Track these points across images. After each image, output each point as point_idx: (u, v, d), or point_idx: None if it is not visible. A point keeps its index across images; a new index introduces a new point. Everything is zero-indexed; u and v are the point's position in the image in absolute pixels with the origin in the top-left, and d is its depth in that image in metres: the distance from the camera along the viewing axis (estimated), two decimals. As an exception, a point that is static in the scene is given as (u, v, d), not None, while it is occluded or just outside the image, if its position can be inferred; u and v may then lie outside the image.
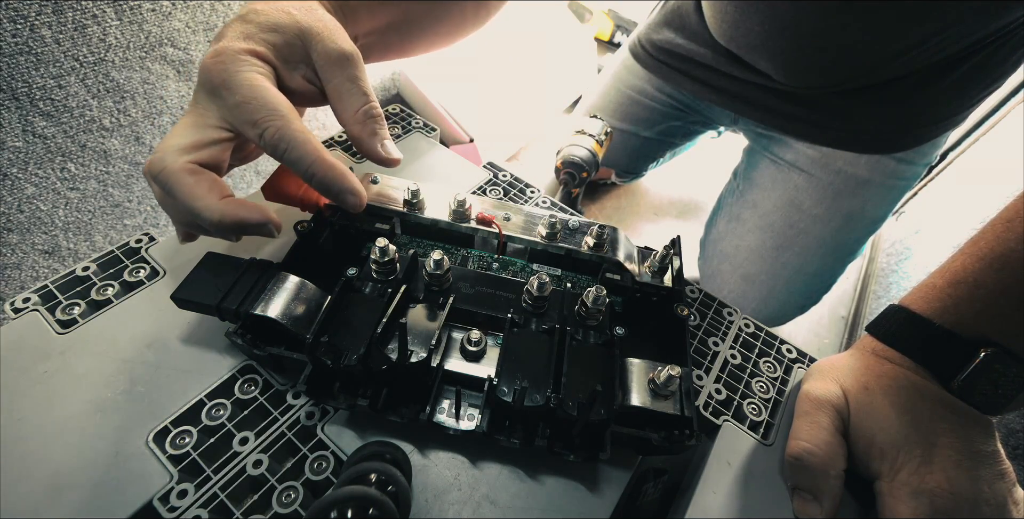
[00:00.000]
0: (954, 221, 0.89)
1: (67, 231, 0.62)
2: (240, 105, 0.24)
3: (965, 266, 0.29)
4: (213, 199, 0.24)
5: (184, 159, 0.24)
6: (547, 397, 0.23)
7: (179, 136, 0.24)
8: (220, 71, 0.24)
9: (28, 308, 0.28)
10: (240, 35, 0.26)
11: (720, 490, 0.26)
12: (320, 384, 0.25)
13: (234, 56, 0.25)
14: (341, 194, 0.26)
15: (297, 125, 0.25)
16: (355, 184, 0.27)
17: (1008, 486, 0.25)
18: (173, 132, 0.25)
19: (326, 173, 0.25)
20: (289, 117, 0.25)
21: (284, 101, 0.25)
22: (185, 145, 0.24)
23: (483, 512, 0.24)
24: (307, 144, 0.25)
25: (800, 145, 0.67)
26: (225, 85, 0.24)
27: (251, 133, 0.24)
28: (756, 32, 0.55)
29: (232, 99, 0.24)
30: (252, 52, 0.25)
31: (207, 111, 0.25)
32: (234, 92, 0.24)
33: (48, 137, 0.55)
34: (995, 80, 0.56)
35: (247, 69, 0.25)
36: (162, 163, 0.24)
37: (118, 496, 0.22)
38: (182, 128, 0.25)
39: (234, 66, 0.24)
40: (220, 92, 0.24)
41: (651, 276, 0.30)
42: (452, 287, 0.28)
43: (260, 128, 0.24)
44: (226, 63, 0.24)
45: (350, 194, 0.26)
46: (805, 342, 1.01)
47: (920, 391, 0.27)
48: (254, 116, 0.24)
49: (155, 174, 0.24)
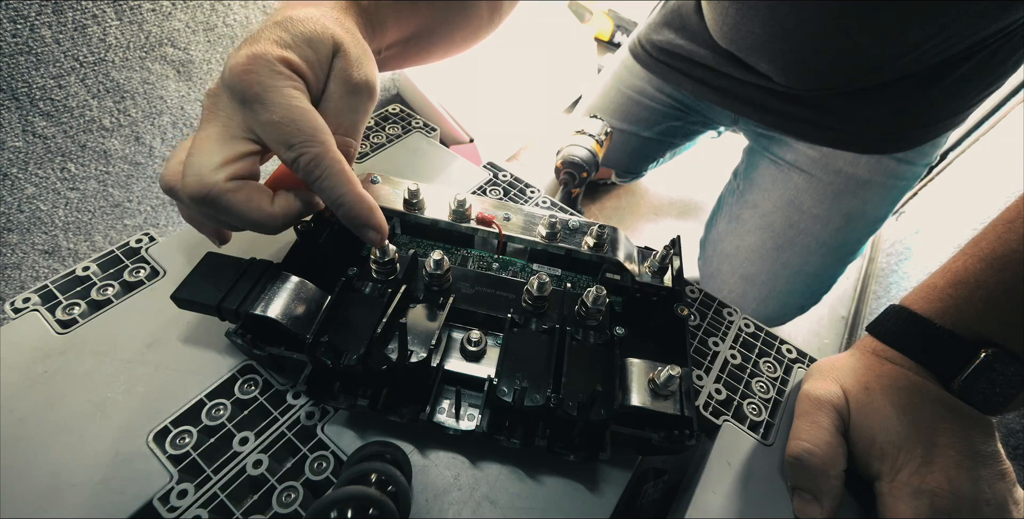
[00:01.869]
0: (954, 221, 0.88)
1: (67, 231, 0.62)
2: (276, 125, 0.23)
3: (966, 266, 0.29)
4: (271, 209, 0.24)
5: (223, 176, 0.23)
6: (547, 397, 0.23)
7: (210, 152, 0.23)
8: (254, 82, 0.23)
9: (28, 308, 0.28)
10: (276, 42, 0.24)
11: (720, 490, 0.26)
12: (320, 384, 0.25)
13: (269, 66, 0.23)
14: (363, 229, 0.25)
15: (334, 152, 0.24)
16: (380, 221, 0.26)
17: (1008, 486, 0.25)
18: (200, 145, 0.23)
19: (355, 206, 0.25)
20: (327, 143, 0.24)
21: (322, 124, 0.24)
22: (220, 162, 0.23)
23: (483, 512, 0.24)
24: (342, 174, 0.24)
25: (800, 145, 0.67)
26: (259, 99, 0.23)
27: (284, 155, 0.23)
28: (757, 34, 0.55)
29: (267, 116, 0.23)
30: (288, 62, 0.24)
31: (232, 120, 0.24)
32: (269, 109, 0.23)
33: (48, 137, 0.55)
34: (995, 81, 0.56)
35: (284, 84, 0.23)
36: (204, 185, 0.22)
37: (118, 496, 0.22)
38: (210, 140, 0.23)
39: (270, 79, 0.23)
40: (252, 105, 0.23)
41: (651, 276, 0.30)
42: (452, 287, 0.28)
43: (296, 152, 0.23)
44: (260, 74, 0.23)
45: (373, 231, 0.26)
46: (805, 342, 1.01)
47: (920, 391, 0.27)
48: (291, 139, 0.23)
49: (199, 195, 0.22)
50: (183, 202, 0.24)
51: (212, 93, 0.24)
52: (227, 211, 0.23)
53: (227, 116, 0.24)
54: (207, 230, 0.28)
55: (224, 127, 0.23)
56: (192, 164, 0.23)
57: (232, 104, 0.23)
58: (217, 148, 0.23)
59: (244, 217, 0.23)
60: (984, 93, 0.58)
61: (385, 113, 0.46)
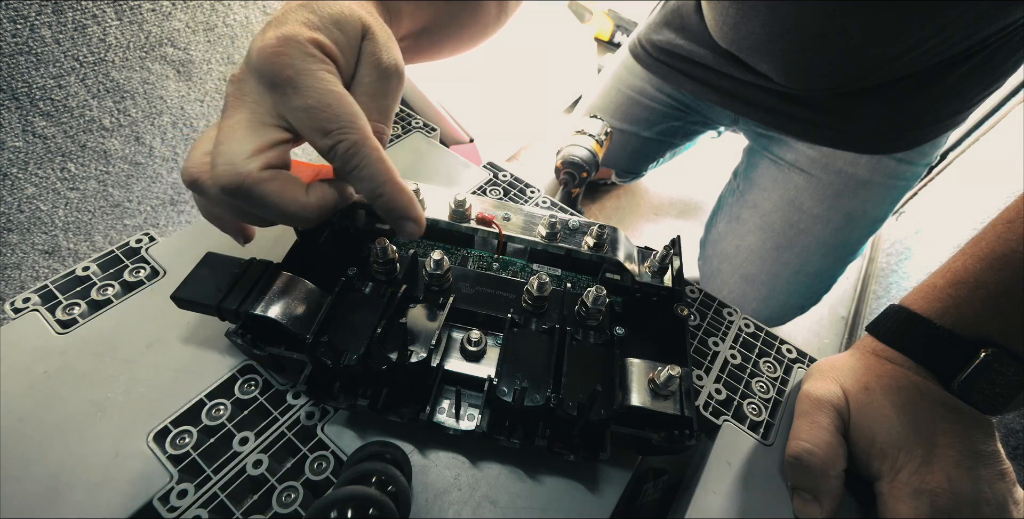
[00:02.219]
0: (954, 221, 0.88)
1: (67, 231, 0.62)
2: (310, 110, 0.21)
3: (966, 266, 0.29)
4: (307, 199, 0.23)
5: (257, 165, 0.21)
6: (547, 397, 0.23)
7: (241, 139, 0.21)
8: (286, 65, 0.21)
9: (28, 308, 0.28)
10: (305, 23, 0.22)
11: (720, 490, 0.26)
12: (320, 384, 0.25)
13: (301, 48, 0.22)
14: (402, 221, 0.25)
15: (373, 140, 0.23)
16: (419, 212, 0.25)
17: (1008, 486, 0.25)
18: (230, 132, 0.22)
19: (394, 197, 0.24)
20: (365, 130, 0.22)
21: (358, 109, 0.23)
22: (252, 150, 0.21)
23: (483, 512, 0.24)
24: (381, 163, 0.23)
25: (800, 145, 0.67)
26: (291, 83, 0.21)
27: (319, 142, 0.22)
28: (757, 34, 0.55)
29: (300, 101, 0.21)
30: (320, 44, 0.22)
31: (261, 106, 0.22)
32: (303, 93, 0.21)
33: (48, 137, 0.55)
34: (995, 81, 0.56)
35: (317, 67, 0.22)
36: (238, 174, 0.21)
37: (118, 496, 0.22)
38: (240, 127, 0.22)
39: (302, 62, 0.21)
40: (284, 89, 0.22)
41: (651, 276, 0.30)
42: (452, 287, 0.28)
43: (333, 139, 0.22)
44: (293, 57, 0.21)
45: (412, 222, 0.25)
46: (805, 342, 1.01)
47: (920, 391, 0.27)
48: (327, 126, 0.22)
49: (232, 186, 0.21)
50: (209, 195, 0.23)
51: (236, 78, 0.23)
52: (261, 202, 0.22)
53: (255, 102, 0.22)
54: (230, 227, 0.27)
55: (253, 113, 0.22)
56: (223, 153, 0.21)
57: (260, 89, 0.22)
58: (248, 136, 0.22)
59: (279, 208, 0.22)
60: (984, 93, 0.58)
61: (385, 113, 0.46)
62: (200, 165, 0.22)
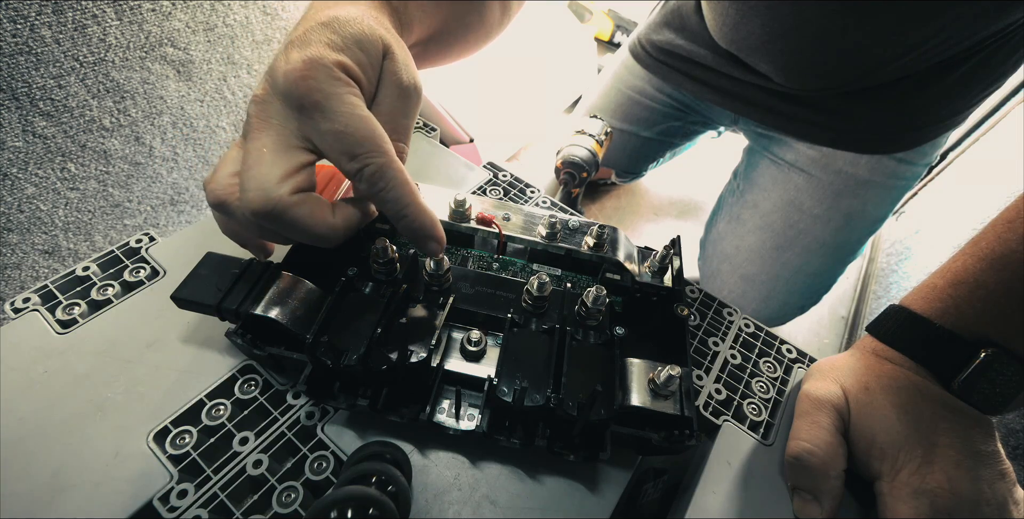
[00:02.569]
0: (954, 221, 0.88)
1: (67, 231, 0.62)
2: (338, 135, 0.22)
3: (966, 266, 0.29)
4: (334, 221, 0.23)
5: (287, 189, 0.22)
6: (547, 397, 0.23)
7: (270, 163, 0.22)
8: (313, 89, 0.21)
9: (28, 308, 0.28)
10: (329, 44, 0.22)
11: (720, 490, 0.26)
12: (320, 384, 0.25)
13: (328, 72, 0.22)
14: (425, 240, 0.25)
15: (397, 163, 0.23)
16: (441, 232, 0.25)
17: (1008, 486, 0.25)
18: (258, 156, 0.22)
19: (418, 218, 0.24)
20: (390, 153, 0.23)
21: (382, 132, 0.23)
22: (282, 174, 0.22)
23: (483, 512, 0.24)
24: (406, 185, 0.23)
25: (800, 145, 0.67)
26: (319, 107, 0.21)
27: (346, 166, 0.22)
28: (757, 34, 0.55)
29: (328, 125, 0.22)
30: (344, 67, 0.22)
31: (287, 129, 0.22)
32: (331, 118, 0.22)
33: (48, 137, 0.55)
34: (995, 81, 0.56)
35: (343, 91, 0.22)
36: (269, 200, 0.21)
37: (118, 496, 0.22)
38: (268, 151, 0.22)
39: (329, 86, 0.22)
40: (311, 113, 0.22)
41: (651, 276, 0.30)
42: (452, 287, 0.28)
43: (360, 163, 0.22)
44: (320, 80, 0.21)
45: (435, 242, 0.25)
46: (805, 342, 1.01)
47: (920, 391, 0.27)
48: (355, 150, 0.22)
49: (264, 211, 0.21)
50: (237, 217, 0.23)
51: (260, 100, 0.23)
52: (291, 226, 0.22)
53: (280, 125, 0.22)
54: (252, 244, 0.27)
55: (280, 136, 0.22)
56: (253, 177, 0.21)
57: (287, 112, 0.22)
58: (277, 159, 0.22)
59: (309, 231, 0.22)
60: (984, 93, 0.58)
61: (385, 113, 0.46)
62: (227, 187, 0.23)
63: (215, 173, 0.24)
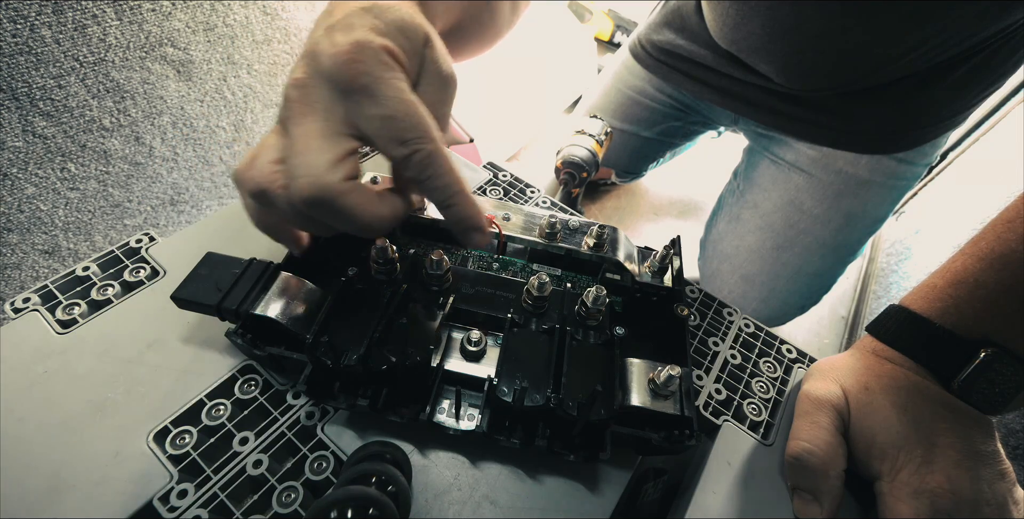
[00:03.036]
0: (954, 221, 0.88)
1: (67, 231, 0.62)
2: (387, 119, 0.21)
3: (966, 266, 0.29)
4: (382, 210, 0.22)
5: (339, 176, 0.21)
6: (547, 397, 0.23)
7: (319, 150, 0.21)
8: (361, 73, 0.21)
9: (28, 308, 0.28)
10: (374, 29, 0.21)
11: (720, 490, 0.26)
12: (320, 384, 0.25)
13: (376, 55, 0.21)
14: (470, 232, 0.24)
15: (444, 150, 0.22)
16: (486, 223, 0.25)
17: (1008, 486, 0.25)
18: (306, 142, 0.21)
19: (465, 208, 0.23)
20: (438, 139, 0.22)
21: (430, 119, 0.22)
22: (332, 160, 0.21)
23: (483, 512, 0.24)
24: (453, 173, 0.23)
25: (800, 145, 0.67)
26: (367, 91, 0.21)
27: (395, 151, 0.21)
28: (757, 35, 0.55)
29: (377, 110, 0.21)
30: (391, 52, 0.21)
31: (333, 114, 0.21)
32: (380, 103, 0.21)
33: (48, 137, 0.55)
34: (995, 81, 0.56)
35: (391, 76, 0.21)
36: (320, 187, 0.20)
37: (118, 496, 0.22)
38: (315, 137, 0.21)
39: (377, 70, 0.21)
40: (358, 98, 0.21)
41: (651, 276, 0.30)
42: (452, 287, 0.28)
43: (409, 149, 0.21)
44: (368, 64, 0.21)
45: (479, 233, 0.24)
46: (805, 342, 1.01)
47: (920, 391, 0.27)
48: (404, 135, 0.21)
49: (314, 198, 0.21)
50: (278, 205, 0.22)
51: (300, 83, 0.21)
52: (341, 214, 0.21)
53: (325, 109, 0.21)
54: (286, 237, 0.26)
55: (326, 122, 0.21)
56: (302, 164, 0.21)
57: (332, 96, 0.21)
58: (326, 145, 0.21)
59: (359, 220, 0.22)
60: (984, 93, 0.58)
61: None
62: (269, 175, 0.22)
63: (253, 161, 0.23)
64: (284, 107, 0.22)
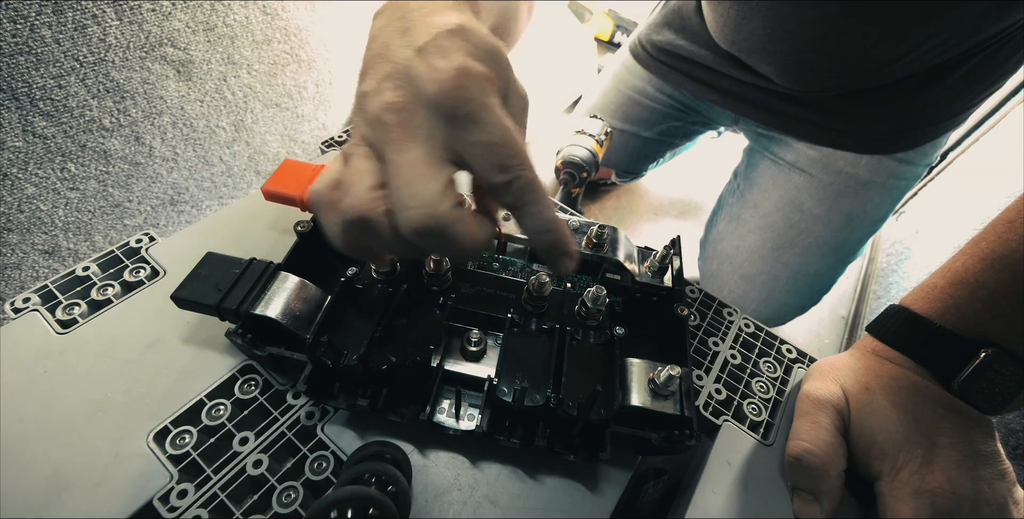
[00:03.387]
0: (954, 221, 0.88)
1: (67, 231, 0.62)
2: (491, 146, 0.21)
3: (966, 266, 0.29)
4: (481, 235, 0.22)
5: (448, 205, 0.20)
6: (547, 397, 0.23)
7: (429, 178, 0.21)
8: (468, 100, 0.20)
9: (28, 308, 0.28)
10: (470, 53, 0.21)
11: (720, 490, 0.26)
12: (320, 384, 0.25)
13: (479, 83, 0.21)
14: (561, 257, 0.24)
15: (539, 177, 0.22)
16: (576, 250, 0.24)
17: (1008, 486, 0.25)
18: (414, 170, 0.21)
19: (559, 235, 0.23)
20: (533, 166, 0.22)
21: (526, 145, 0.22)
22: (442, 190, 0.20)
23: (483, 512, 0.24)
24: (548, 199, 0.23)
25: (801, 145, 0.67)
26: (472, 118, 0.20)
27: (496, 178, 0.21)
28: (757, 35, 0.55)
29: (481, 136, 0.21)
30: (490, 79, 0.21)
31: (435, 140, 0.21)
32: (484, 130, 0.21)
33: (48, 137, 0.55)
34: (995, 81, 0.56)
35: (493, 102, 0.21)
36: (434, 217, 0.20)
37: (118, 496, 0.22)
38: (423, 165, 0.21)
39: (481, 96, 0.21)
40: (463, 124, 0.21)
41: (651, 276, 0.30)
42: (452, 287, 0.28)
43: (511, 175, 0.21)
44: (472, 90, 0.20)
45: (569, 259, 0.24)
46: (805, 342, 1.01)
47: (920, 391, 0.27)
48: (507, 162, 0.21)
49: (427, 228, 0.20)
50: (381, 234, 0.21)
51: (399, 107, 0.21)
52: (450, 242, 0.21)
53: (427, 136, 0.21)
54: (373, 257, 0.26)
55: (430, 148, 0.21)
56: (416, 195, 0.20)
57: (434, 122, 0.21)
58: (433, 173, 0.21)
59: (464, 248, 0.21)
60: (984, 94, 0.58)
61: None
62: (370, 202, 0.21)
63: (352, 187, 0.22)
64: (378, 130, 0.21)
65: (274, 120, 0.81)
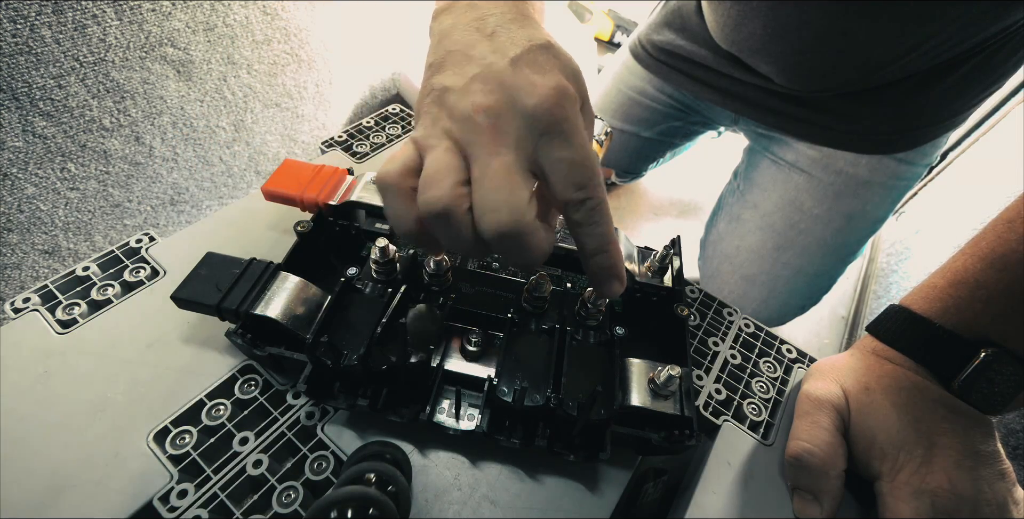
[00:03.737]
0: (954, 221, 0.88)
1: (67, 231, 0.62)
2: (575, 164, 0.21)
3: (966, 266, 0.29)
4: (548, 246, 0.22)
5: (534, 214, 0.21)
6: (547, 397, 0.23)
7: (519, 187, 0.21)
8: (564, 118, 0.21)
9: (28, 308, 0.28)
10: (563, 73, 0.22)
11: (720, 490, 0.26)
12: (320, 384, 0.25)
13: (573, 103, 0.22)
14: (611, 279, 0.24)
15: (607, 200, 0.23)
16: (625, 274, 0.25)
17: (1008, 486, 0.25)
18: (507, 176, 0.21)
19: (614, 256, 0.23)
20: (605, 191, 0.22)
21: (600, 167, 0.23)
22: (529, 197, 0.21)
23: (483, 512, 0.24)
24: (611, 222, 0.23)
25: (801, 145, 0.67)
26: (563, 135, 0.21)
27: (572, 194, 0.21)
28: (758, 36, 0.55)
29: (567, 154, 0.21)
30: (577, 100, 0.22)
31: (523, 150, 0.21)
32: (572, 148, 0.21)
33: (48, 137, 0.55)
34: (995, 81, 0.56)
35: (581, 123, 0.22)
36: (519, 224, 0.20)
37: (118, 496, 0.22)
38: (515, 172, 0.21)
39: (575, 116, 0.21)
40: (554, 139, 0.21)
41: (651, 276, 0.30)
42: (452, 287, 0.28)
43: (586, 194, 0.21)
44: (568, 109, 0.21)
45: (619, 282, 0.24)
46: (805, 342, 1.01)
47: (921, 391, 0.27)
48: (585, 181, 0.21)
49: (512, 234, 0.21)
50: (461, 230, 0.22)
51: (494, 112, 0.21)
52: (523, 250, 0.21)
53: (516, 144, 0.21)
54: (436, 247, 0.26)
55: (519, 156, 0.21)
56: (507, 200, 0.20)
57: (525, 132, 0.21)
58: (523, 181, 0.21)
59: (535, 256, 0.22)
60: (984, 94, 0.58)
61: (385, 113, 0.46)
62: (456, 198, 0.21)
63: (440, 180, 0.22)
64: (467, 130, 0.22)
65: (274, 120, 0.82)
